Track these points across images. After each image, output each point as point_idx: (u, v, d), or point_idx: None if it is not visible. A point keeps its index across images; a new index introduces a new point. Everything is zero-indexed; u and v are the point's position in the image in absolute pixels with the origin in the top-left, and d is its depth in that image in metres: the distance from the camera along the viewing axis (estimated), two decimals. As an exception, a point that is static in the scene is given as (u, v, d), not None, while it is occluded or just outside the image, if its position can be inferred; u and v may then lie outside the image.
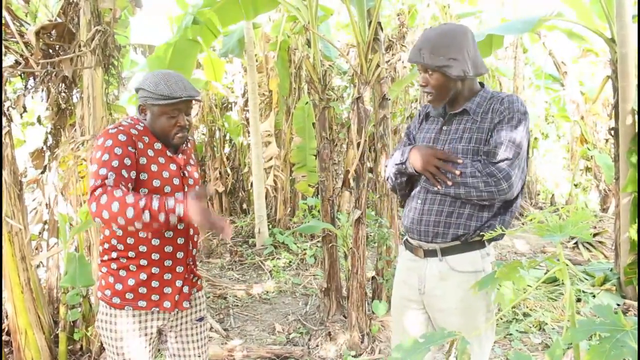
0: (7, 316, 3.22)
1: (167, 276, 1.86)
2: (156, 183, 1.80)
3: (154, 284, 1.83)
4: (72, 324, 3.34)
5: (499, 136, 1.79)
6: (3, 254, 3.01)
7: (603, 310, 1.04)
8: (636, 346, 0.97)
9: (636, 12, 4.41)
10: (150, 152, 1.82)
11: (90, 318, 3.35)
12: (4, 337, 3.35)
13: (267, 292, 5.15)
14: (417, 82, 1.99)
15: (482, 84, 1.96)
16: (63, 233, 3.25)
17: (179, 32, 4.76)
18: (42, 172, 3.67)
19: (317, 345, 3.72)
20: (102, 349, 3.33)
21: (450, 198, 1.85)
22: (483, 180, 1.75)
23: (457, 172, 1.79)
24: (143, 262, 1.81)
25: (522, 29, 4.71)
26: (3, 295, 3.15)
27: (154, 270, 1.83)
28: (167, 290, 1.87)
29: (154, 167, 1.81)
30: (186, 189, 1.90)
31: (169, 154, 1.89)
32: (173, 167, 1.88)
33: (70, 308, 3.23)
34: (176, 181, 1.86)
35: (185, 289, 1.92)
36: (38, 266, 3.76)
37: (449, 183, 1.80)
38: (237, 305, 4.77)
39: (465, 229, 1.84)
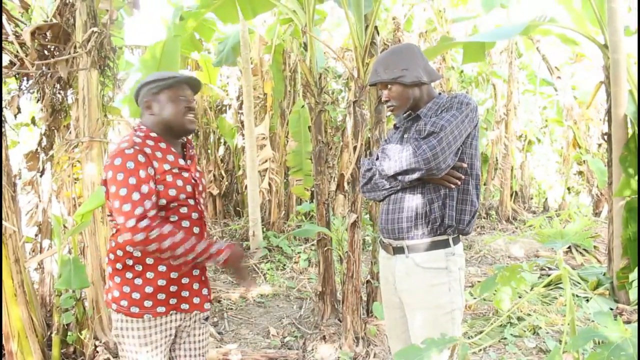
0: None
1: (185, 280, 1.90)
2: (172, 192, 1.84)
3: (172, 288, 1.86)
4: (65, 327, 3.32)
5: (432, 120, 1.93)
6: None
7: (602, 317, 1.04)
8: (635, 353, 0.98)
9: (628, 20, 4.44)
10: (166, 166, 1.85)
11: (84, 321, 3.32)
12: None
13: (262, 295, 5.14)
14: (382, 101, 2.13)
15: (440, 94, 2.10)
16: (57, 235, 3.22)
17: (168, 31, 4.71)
18: (41, 175, 3.64)
19: (311, 349, 3.71)
20: (95, 352, 3.30)
21: (407, 197, 1.99)
22: (409, 152, 1.88)
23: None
24: (162, 268, 1.83)
25: (512, 33, 4.74)
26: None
27: (173, 275, 1.85)
28: (185, 293, 1.90)
29: (169, 178, 1.84)
30: (196, 195, 1.94)
31: (181, 162, 1.93)
32: (185, 174, 1.92)
33: (64, 311, 3.21)
34: (189, 188, 1.91)
35: (205, 291, 1.97)
36: (36, 269, 3.73)
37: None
38: (232, 309, 4.75)
39: (423, 227, 1.96)
